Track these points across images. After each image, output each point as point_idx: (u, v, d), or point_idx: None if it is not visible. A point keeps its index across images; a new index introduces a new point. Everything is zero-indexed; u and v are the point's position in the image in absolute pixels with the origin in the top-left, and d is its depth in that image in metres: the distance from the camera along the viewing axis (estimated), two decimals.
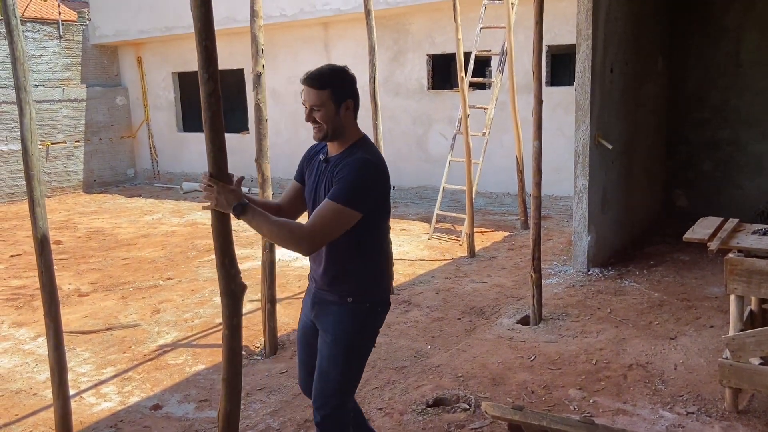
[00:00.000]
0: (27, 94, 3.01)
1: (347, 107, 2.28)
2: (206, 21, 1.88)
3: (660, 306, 4.81)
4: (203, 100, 1.93)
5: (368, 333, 2.42)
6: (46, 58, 11.86)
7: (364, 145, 2.33)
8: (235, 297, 2.10)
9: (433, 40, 9.28)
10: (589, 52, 5.30)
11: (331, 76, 2.26)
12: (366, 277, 2.37)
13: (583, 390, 3.55)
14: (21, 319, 5.28)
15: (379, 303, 2.41)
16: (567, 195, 8.18)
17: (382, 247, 2.41)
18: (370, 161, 2.25)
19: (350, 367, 2.38)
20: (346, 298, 2.34)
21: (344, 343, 2.35)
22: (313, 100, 2.25)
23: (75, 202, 11.27)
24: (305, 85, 2.26)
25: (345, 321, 2.35)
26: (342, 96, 2.27)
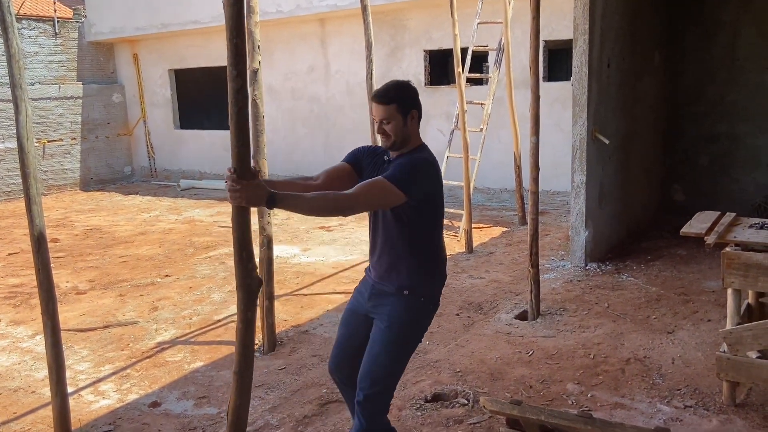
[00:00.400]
0: (23, 92, 3.00)
1: (412, 117, 2.47)
2: (238, 19, 1.91)
3: (657, 300, 4.82)
4: (231, 97, 1.95)
5: (420, 327, 2.58)
6: (42, 56, 11.82)
7: (421, 149, 2.52)
8: (250, 291, 2.11)
9: (430, 35, 9.26)
10: (586, 47, 5.29)
11: (397, 90, 2.45)
12: (420, 271, 2.51)
13: (581, 384, 3.56)
14: (19, 317, 5.27)
15: (431, 300, 2.57)
16: (565, 190, 8.18)
17: (435, 245, 2.56)
18: (427, 159, 2.46)
19: (400, 355, 2.53)
20: (402, 291, 2.49)
21: (397, 331, 2.49)
22: (382, 114, 2.43)
23: (72, 200, 11.25)
24: (374, 101, 2.44)
25: (401, 312, 2.50)
26: (407, 108, 2.45)
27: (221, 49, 10.13)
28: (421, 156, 2.45)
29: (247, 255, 2.06)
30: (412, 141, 2.49)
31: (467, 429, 3.15)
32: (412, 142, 2.49)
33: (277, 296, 4.78)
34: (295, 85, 10.77)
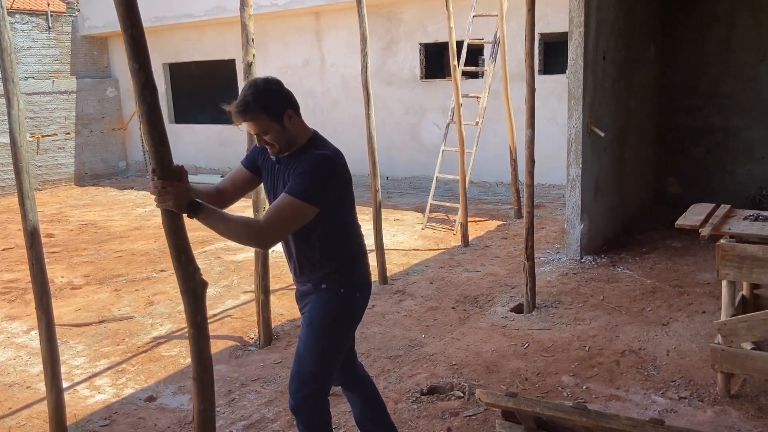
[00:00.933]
0: (14, 86, 2.98)
1: (289, 117, 2.27)
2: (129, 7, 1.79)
3: (652, 292, 4.83)
4: (137, 93, 1.84)
5: (344, 318, 2.44)
6: (36, 50, 11.74)
7: (315, 142, 2.34)
8: (196, 295, 2.04)
9: (425, 28, 9.23)
10: (581, 40, 5.28)
11: (258, 100, 2.21)
12: (337, 264, 2.39)
13: (576, 376, 3.57)
14: (14, 313, 5.25)
15: (354, 288, 2.43)
16: (560, 183, 8.18)
17: (351, 235, 2.45)
18: (326, 156, 2.27)
19: (325, 351, 2.39)
20: (320, 285, 2.39)
21: (319, 328, 2.38)
22: (255, 129, 2.25)
23: (67, 195, 11.20)
24: (234, 118, 2.22)
25: (319, 307, 2.39)
26: (279, 111, 2.24)
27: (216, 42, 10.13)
28: (318, 154, 2.26)
29: (187, 259, 1.99)
30: (300, 138, 2.32)
31: (463, 421, 3.16)
32: (300, 138, 2.32)
33: (273, 290, 4.78)
34: (291, 79, 10.71)
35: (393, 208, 8.58)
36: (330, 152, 2.30)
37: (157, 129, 1.87)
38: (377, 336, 4.36)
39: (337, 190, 2.31)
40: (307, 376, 2.38)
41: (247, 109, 2.20)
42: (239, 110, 2.20)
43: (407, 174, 9.80)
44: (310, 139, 2.35)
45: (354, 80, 9.85)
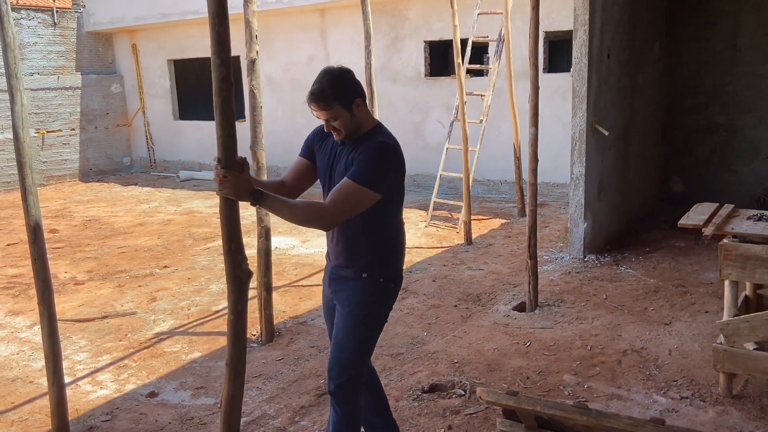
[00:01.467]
0: (18, 81, 2.99)
1: (358, 105, 2.37)
2: (220, 6, 1.88)
3: (655, 292, 4.82)
4: (215, 86, 1.93)
5: (382, 307, 2.53)
6: (41, 46, 11.77)
7: (378, 130, 2.43)
8: (240, 283, 2.09)
9: (430, 26, 9.22)
10: (586, 38, 5.26)
11: (332, 87, 2.32)
12: (380, 253, 2.46)
13: (578, 375, 3.56)
14: (17, 308, 5.27)
15: (392, 278, 2.52)
16: (564, 182, 8.16)
17: (394, 225, 2.52)
18: (388, 144, 2.36)
19: (365, 338, 2.50)
20: (361, 274, 2.45)
21: (359, 316, 2.46)
22: (326, 115, 2.36)
23: (71, 191, 11.24)
24: (312, 106, 2.34)
25: (360, 295, 2.46)
26: (350, 100, 2.35)
27: None
28: (382, 141, 2.35)
29: (236, 247, 2.03)
30: (364, 126, 2.41)
31: (464, 419, 3.16)
32: (364, 126, 2.41)
33: (275, 287, 4.78)
34: (295, 76, 10.72)
35: None
36: (392, 141, 2.39)
37: (228, 121, 1.93)
38: None
39: (396, 179, 2.40)
40: (348, 362, 2.48)
41: (322, 96, 2.31)
42: (315, 97, 2.31)
43: (411, 171, 9.74)
44: (374, 127, 2.43)
45: (359, 77, 9.83)
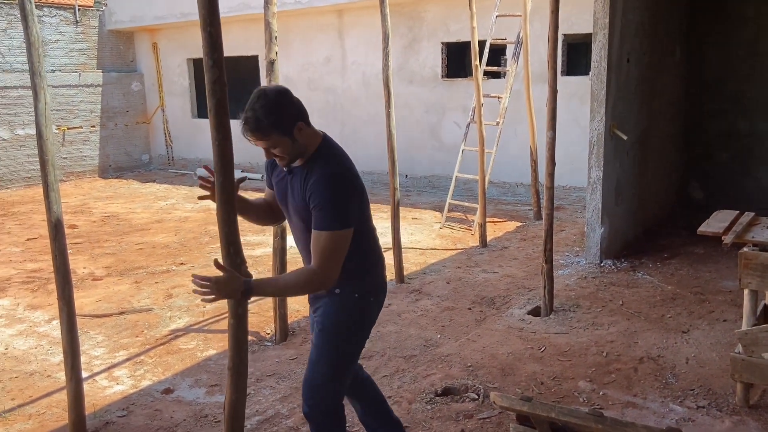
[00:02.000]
0: (41, 79, 3.03)
1: (299, 129, 2.19)
2: (211, 7, 1.88)
3: (673, 299, 4.77)
4: (208, 87, 1.91)
5: (358, 323, 2.40)
6: (63, 44, 11.92)
7: (324, 150, 2.26)
8: None
9: (448, 28, 9.20)
10: (605, 42, 5.23)
11: (268, 114, 2.12)
12: (352, 270, 2.32)
13: (593, 382, 3.54)
14: (36, 302, 5.35)
15: (369, 293, 2.40)
16: (581, 186, 8.11)
17: (365, 240, 2.39)
18: (336, 175, 2.20)
19: (338, 357, 2.36)
20: (333, 290, 2.33)
21: (331, 333, 2.35)
22: (264, 145, 2.19)
23: (91, 187, 11.37)
24: (248, 137, 2.16)
25: (332, 311, 2.35)
26: (290, 126, 2.16)
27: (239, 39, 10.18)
28: (329, 174, 2.18)
29: (235, 250, 2.04)
30: (309, 147, 2.24)
31: (477, 424, 3.15)
32: (309, 147, 2.25)
33: None
34: (312, 76, 10.77)
35: (411, 206, 8.57)
36: (342, 168, 2.24)
37: (223, 123, 1.92)
38: (392, 335, 4.36)
39: (358, 204, 2.27)
40: (320, 382, 2.36)
41: (257, 125, 2.13)
42: (251, 127, 2.13)
43: (426, 173, 9.78)
44: (319, 147, 2.26)
45: (375, 78, 9.86)
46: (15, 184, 11.32)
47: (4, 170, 11.20)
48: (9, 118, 11.13)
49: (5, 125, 11.11)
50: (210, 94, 1.90)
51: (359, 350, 2.48)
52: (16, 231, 7.98)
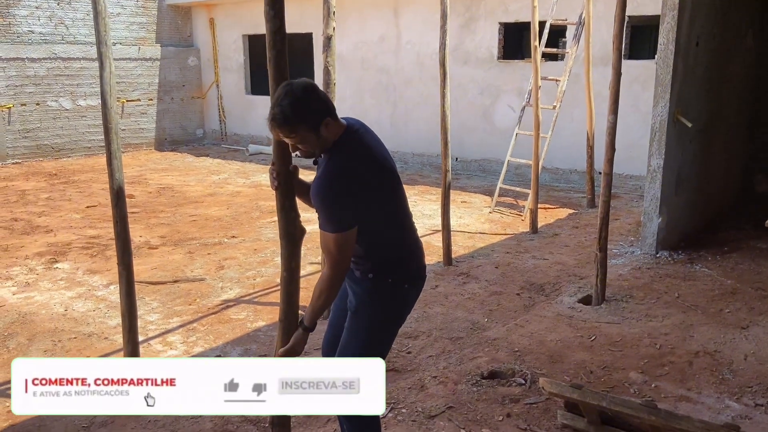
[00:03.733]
0: (107, 49, 3.11)
1: (326, 124, 2.13)
2: None
3: (732, 294, 4.59)
4: (268, 38, 1.96)
5: (391, 310, 2.37)
6: (124, 17, 12.21)
7: (339, 144, 2.20)
8: (293, 240, 2.15)
9: (506, 7, 9.00)
10: (674, 24, 5.00)
11: (297, 112, 2.06)
12: (384, 256, 2.31)
13: (645, 374, 3.45)
14: (95, 267, 5.55)
15: (403, 279, 2.35)
16: (638, 174, 7.86)
17: (395, 229, 2.35)
18: (333, 174, 2.16)
19: (370, 342, 2.33)
20: (367, 275, 2.31)
21: (364, 317, 2.33)
22: (292, 141, 2.13)
23: (147, 159, 11.70)
24: (275, 132, 2.11)
25: (365, 296, 2.33)
26: (317, 121, 2.11)
27: (294, 15, 10.18)
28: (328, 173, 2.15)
29: (290, 204, 2.11)
30: (333, 140, 2.19)
31: (523, 408, 3.12)
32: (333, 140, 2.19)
33: None
34: (365, 55, 10.73)
35: (461, 189, 8.49)
36: (343, 165, 2.18)
37: (282, 74, 1.99)
38: (439, 316, 4.35)
39: (363, 199, 2.19)
40: None
41: (285, 121, 2.06)
42: (278, 122, 2.07)
43: (477, 156, 9.66)
44: (339, 139, 2.20)
45: (429, 58, 9.75)
46: (76, 153, 11.74)
47: (66, 139, 11.62)
48: (72, 89, 11.51)
49: (68, 96, 11.51)
50: (270, 45, 1.93)
51: (391, 338, 2.45)
52: (77, 198, 8.29)
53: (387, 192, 2.28)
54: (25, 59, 10.96)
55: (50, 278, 5.25)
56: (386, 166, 2.31)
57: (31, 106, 11.15)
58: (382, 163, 2.30)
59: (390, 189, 2.30)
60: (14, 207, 7.77)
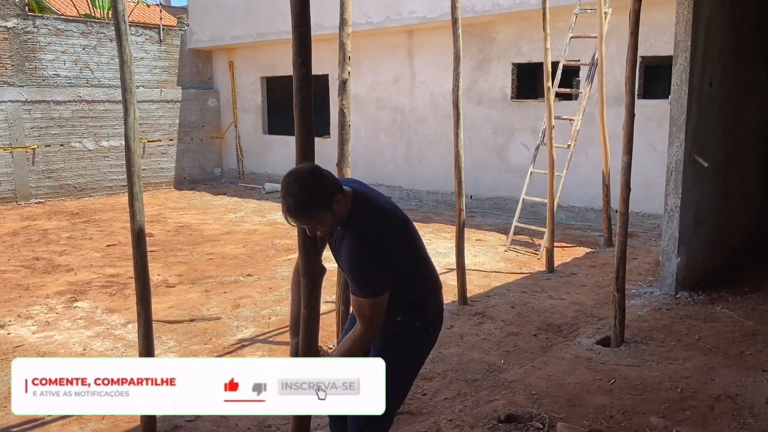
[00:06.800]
0: (132, 96, 3.21)
1: (338, 201, 2.17)
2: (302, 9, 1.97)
3: (753, 335, 4.50)
4: (295, 84, 2.02)
5: (416, 352, 2.45)
6: (147, 61, 12.57)
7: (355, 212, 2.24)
8: (314, 277, 2.16)
9: (519, 48, 9.14)
10: (686, 65, 5.05)
11: (309, 198, 2.09)
12: (411, 303, 2.39)
13: (666, 418, 3.37)
14: (113, 306, 5.60)
15: (428, 323, 2.45)
16: (655, 213, 7.83)
17: (420, 276, 2.42)
18: (364, 238, 2.21)
19: (395, 384, 2.30)
20: (395, 317, 2.37)
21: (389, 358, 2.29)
22: (310, 225, 2.15)
23: (166, 198, 11.87)
24: (293, 222, 2.13)
25: (392, 338, 2.38)
26: (330, 201, 2.14)
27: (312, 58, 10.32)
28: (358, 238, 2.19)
29: (311, 241, 2.11)
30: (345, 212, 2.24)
31: None
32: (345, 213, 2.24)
33: None
34: (380, 95, 10.91)
35: (475, 227, 8.49)
36: (368, 232, 2.21)
37: (307, 118, 2.04)
38: (455, 357, 4.31)
39: (393, 261, 2.26)
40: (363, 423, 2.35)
41: (300, 210, 2.09)
42: (293, 212, 2.09)
43: (491, 194, 9.68)
44: (350, 210, 2.24)
45: (442, 98, 9.89)
46: (98, 192, 11.97)
47: (89, 179, 11.86)
48: (95, 130, 11.80)
49: (91, 137, 11.79)
50: (297, 91, 1.99)
51: (412, 381, 2.49)
52: (97, 237, 8.41)
53: (408, 244, 2.37)
54: (51, 102, 11.30)
55: (70, 317, 5.31)
56: (399, 217, 2.37)
57: (55, 147, 11.44)
58: (396, 216, 2.36)
59: (409, 240, 2.38)
60: (36, 246, 7.91)
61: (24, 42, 11.01)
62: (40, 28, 11.18)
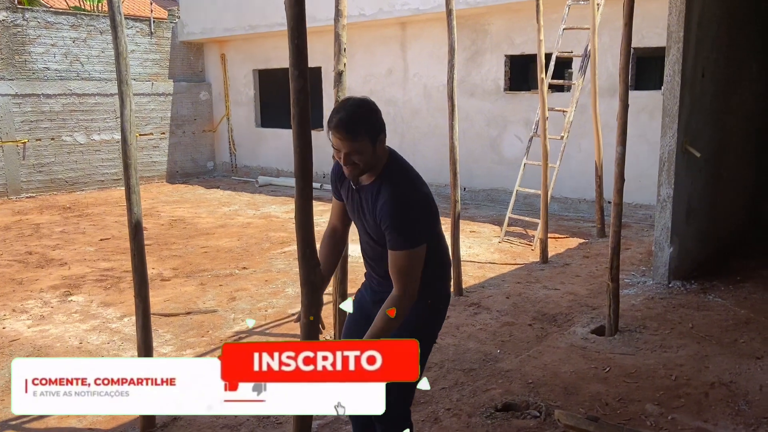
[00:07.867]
0: (128, 87, 3.20)
1: (381, 141, 2.22)
2: (298, 20, 1.95)
3: (746, 324, 4.56)
4: (293, 96, 1.99)
5: (431, 330, 2.45)
6: (138, 54, 12.49)
7: (395, 167, 2.28)
8: (314, 288, 2.15)
9: (512, 40, 9.15)
10: (679, 56, 5.08)
11: (365, 120, 2.16)
12: (429, 276, 2.36)
13: (661, 406, 3.42)
14: (108, 299, 5.59)
15: (440, 300, 2.46)
16: (647, 203, 7.88)
17: (438, 248, 2.42)
18: (406, 194, 2.22)
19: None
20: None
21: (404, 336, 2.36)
22: (351, 148, 2.16)
23: (159, 192, 11.83)
24: (339, 135, 2.14)
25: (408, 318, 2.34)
26: (377, 133, 2.20)
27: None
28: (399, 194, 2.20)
29: (311, 251, 2.09)
30: (381, 161, 2.26)
31: None
32: (381, 162, 2.26)
33: (349, 294, 4.84)
34: (374, 88, 10.89)
35: (470, 219, 8.52)
36: (412, 188, 2.25)
37: (305, 132, 2.00)
38: (451, 347, 4.34)
39: (429, 219, 2.31)
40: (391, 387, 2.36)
41: (352, 125, 2.13)
42: (346, 127, 2.13)
43: (485, 186, 9.72)
44: (388, 163, 2.27)
45: (436, 90, 9.90)
46: (90, 186, 11.90)
47: (80, 173, 11.79)
48: (86, 124, 11.73)
49: (82, 131, 11.72)
50: (294, 103, 1.97)
51: (424, 360, 2.46)
52: (90, 231, 8.38)
53: (435, 216, 2.36)
54: (41, 95, 11.21)
55: (65, 311, 5.29)
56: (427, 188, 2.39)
57: (46, 141, 11.36)
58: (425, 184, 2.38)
59: (435, 211, 2.38)
60: (28, 240, 7.87)
61: (13, 35, 10.91)
62: (29, 21, 11.08)
